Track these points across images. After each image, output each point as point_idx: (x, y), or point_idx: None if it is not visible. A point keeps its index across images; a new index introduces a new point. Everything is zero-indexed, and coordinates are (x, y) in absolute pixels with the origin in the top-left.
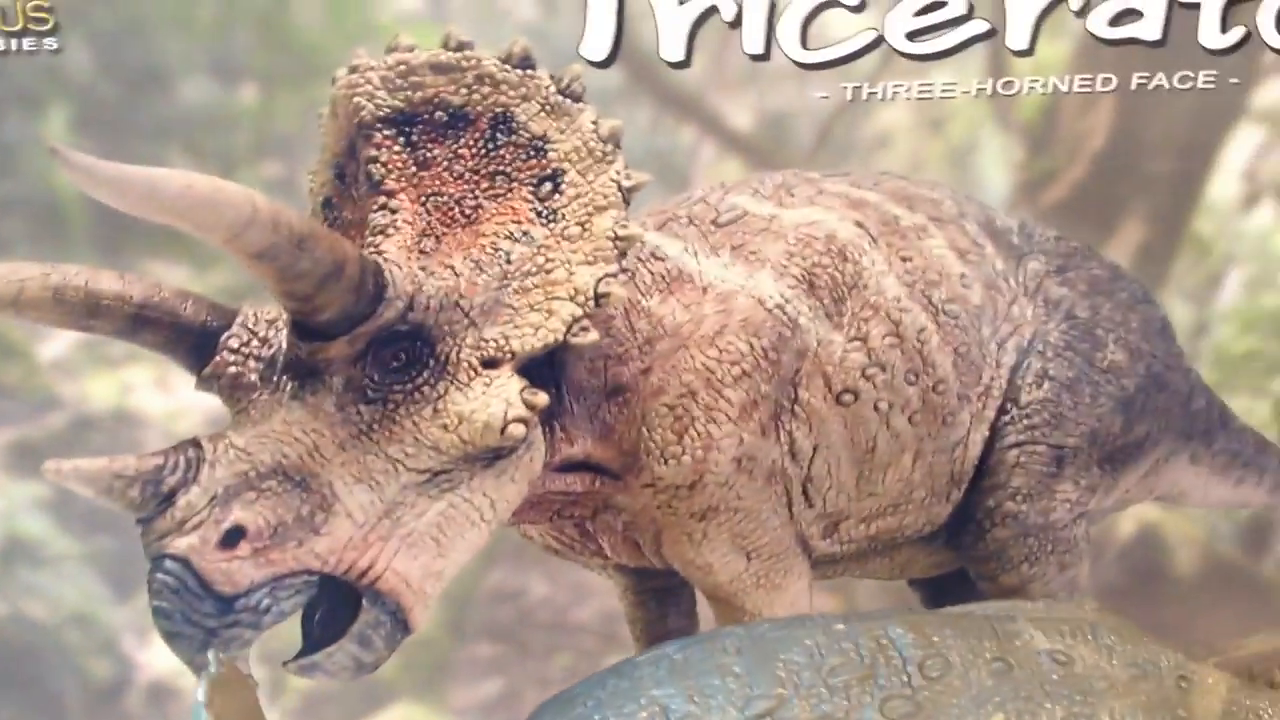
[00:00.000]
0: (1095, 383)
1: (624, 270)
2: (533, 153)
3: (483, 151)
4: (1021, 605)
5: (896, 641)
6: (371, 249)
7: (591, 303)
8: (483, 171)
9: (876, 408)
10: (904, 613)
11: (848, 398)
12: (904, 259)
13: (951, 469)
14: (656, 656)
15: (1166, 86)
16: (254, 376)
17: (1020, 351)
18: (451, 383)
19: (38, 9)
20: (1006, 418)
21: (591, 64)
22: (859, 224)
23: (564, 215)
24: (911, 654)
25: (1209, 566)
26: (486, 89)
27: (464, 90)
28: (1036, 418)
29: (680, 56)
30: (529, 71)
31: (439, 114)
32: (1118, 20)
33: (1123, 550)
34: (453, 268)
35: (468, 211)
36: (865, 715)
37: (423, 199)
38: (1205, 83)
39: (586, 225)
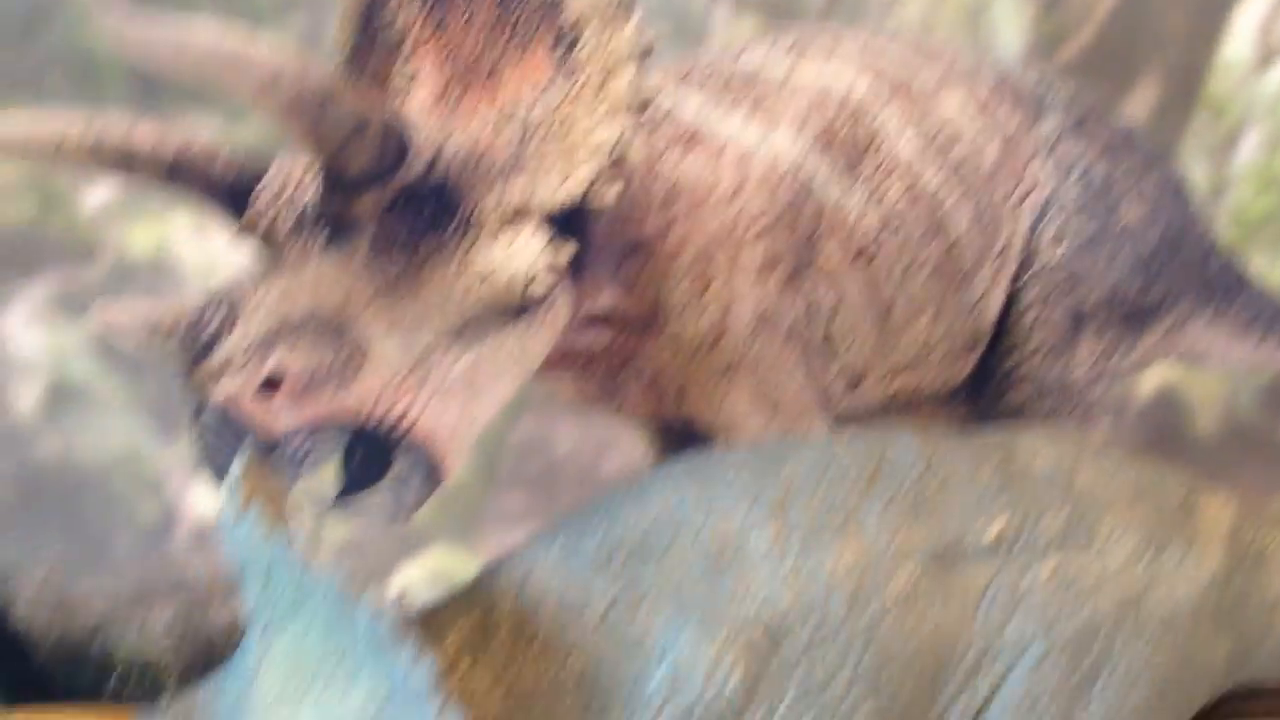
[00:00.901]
0: (1112, 242)
1: (641, 127)
2: (549, 10)
3: (499, 10)
4: (1028, 431)
5: (901, 451)
6: (394, 106)
7: (610, 160)
8: (499, 30)
9: (893, 267)
10: (910, 429)
11: (864, 258)
12: (919, 118)
13: (970, 329)
14: (667, 467)
15: None
16: (287, 228)
17: (1036, 211)
18: (477, 238)
19: None
20: (1024, 278)
21: None
22: (874, 83)
23: (581, 73)
24: (916, 462)
25: (1230, 428)
26: None
27: None
28: (1054, 278)
29: None
30: None
31: None
32: None
33: (1143, 411)
34: (473, 126)
35: (486, 70)
36: (866, 519)
37: (442, 57)
38: None
39: (604, 83)
